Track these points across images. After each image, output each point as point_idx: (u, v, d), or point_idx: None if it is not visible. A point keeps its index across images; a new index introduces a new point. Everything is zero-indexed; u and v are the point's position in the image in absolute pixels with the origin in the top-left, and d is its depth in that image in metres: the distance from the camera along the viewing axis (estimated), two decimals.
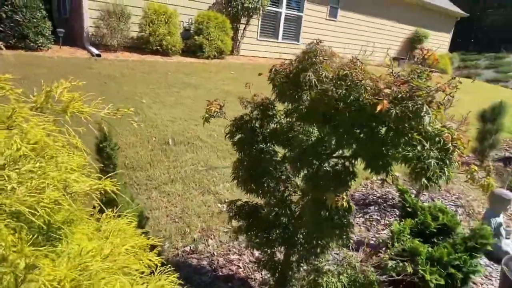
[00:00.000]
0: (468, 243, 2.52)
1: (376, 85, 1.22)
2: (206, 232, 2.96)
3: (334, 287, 1.60)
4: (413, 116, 1.17)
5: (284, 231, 2.00)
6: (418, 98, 1.17)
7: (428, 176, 1.25)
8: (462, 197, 4.32)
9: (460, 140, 1.27)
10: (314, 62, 1.51)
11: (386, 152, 1.36)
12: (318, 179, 1.54)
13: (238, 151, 1.99)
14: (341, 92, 1.33)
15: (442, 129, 1.28)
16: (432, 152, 1.24)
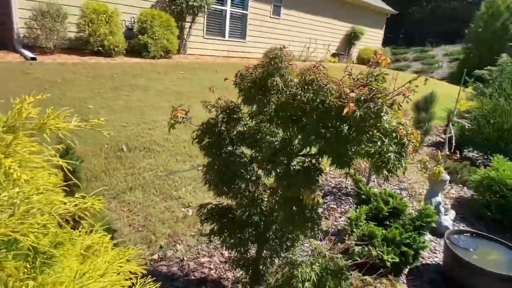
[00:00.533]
0: (416, 223, 2.81)
1: (340, 89, 1.34)
2: (173, 238, 2.93)
3: (308, 276, 1.71)
4: (374, 116, 1.30)
5: (256, 229, 2.08)
6: (378, 99, 1.31)
7: (388, 168, 1.41)
8: (405, 181, 4.76)
9: (413, 134, 1.44)
10: (280, 67, 1.59)
11: (350, 149, 1.49)
12: (289, 177, 1.63)
13: (207, 155, 2.01)
14: (308, 96, 1.42)
15: (397, 125, 1.44)
16: (390, 146, 1.39)
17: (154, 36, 8.95)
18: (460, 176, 4.92)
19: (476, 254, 2.74)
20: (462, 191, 4.68)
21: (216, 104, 2.08)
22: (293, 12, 13.99)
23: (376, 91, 1.32)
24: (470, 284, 2.47)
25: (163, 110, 5.35)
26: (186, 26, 10.62)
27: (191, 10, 10.17)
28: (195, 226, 3.12)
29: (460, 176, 4.91)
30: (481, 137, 5.55)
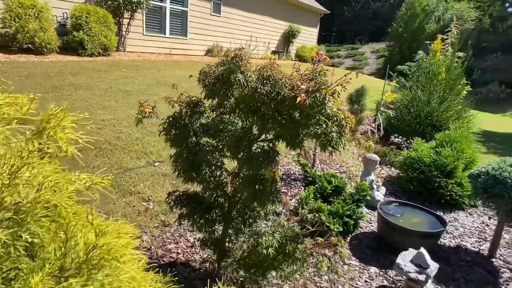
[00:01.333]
0: (354, 197, 3.29)
1: (293, 82, 1.65)
2: (137, 229, 3.03)
3: (271, 243, 2.01)
4: (320, 104, 1.63)
5: (222, 210, 2.33)
6: (322, 90, 1.64)
7: (332, 145, 1.76)
8: (344, 165, 5.35)
9: (349, 118, 1.81)
10: (240, 65, 1.85)
11: (302, 131, 1.81)
12: (252, 159, 1.91)
13: (174, 146, 2.20)
14: (267, 89, 1.71)
15: (337, 111, 1.80)
16: (333, 127, 1.74)
17: (90, 32, 8.57)
18: (388, 158, 5.66)
19: (402, 219, 3.30)
20: (390, 171, 5.41)
21: (178, 100, 2.28)
22: (233, 10, 14.26)
23: (320, 84, 1.65)
24: (398, 241, 3.00)
25: (111, 109, 5.27)
26: (125, 23, 10.31)
27: (129, 6, 9.90)
28: (157, 218, 3.25)
29: (388, 158, 5.65)
30: (403, 124, 6.40)
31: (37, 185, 0.90)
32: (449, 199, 4.20)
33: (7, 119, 0.88)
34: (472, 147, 4.69)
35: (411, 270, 2.49)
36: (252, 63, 1.97)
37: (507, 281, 2.94)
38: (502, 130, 10.78)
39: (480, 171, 3.10)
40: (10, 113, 0.89)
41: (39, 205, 0.85)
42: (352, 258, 3.07)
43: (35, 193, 0.87)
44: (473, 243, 3.52)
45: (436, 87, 6.37)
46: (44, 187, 0.89)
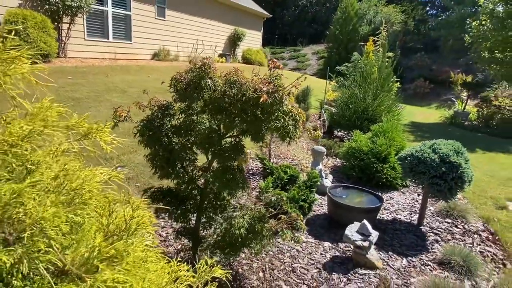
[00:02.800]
0: (307, 183, 3.74)
1: (256, 85, 2.00)
2: None
3: (242, 224, 2.34)
4: (278, 102, 2.00)
5: (195, 201, 2.60)
6: (280, 91, 2.01)
7: (289, 136, 2.14)
8: (295, 159, 5.85)
9: (301, 113, 2.21)
10: (209, 72, 2.16)
11: (264, 126, 2.17)
12: (223, 153, 2.22)
13: (148, 146, 2.42)
14: (234, 92, 2.04)
15: (292, 108, 2.19)
16: (290, 121, 2.13)
17: (28, 39, 8.14)
18: (333, 150, 6.29)
19: (347, 199, 3.83)
20: (336, 162, 6.03)
21: (149, 104, 2.51)
22: (178, 14, 14.28)
23: (278, 86, 2.02)
24: (345, 218, 3.50)
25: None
26: (65, 28, 9.89)
27: (68, 11, 9.53)
28: (154, 213, 3.40)
29: (333, 150, 6.28)
30: (344, 119, 7.12)
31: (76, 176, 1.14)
32: (385, 181, 4.88)
33: None
34: (401, 135, 5.46)
35: (357, 239, 2.98)
36: None
37: (432, 242, 3.60)
38: (428, 121, 12.25)
39: (406, 154, 3.73)
40: None
41: (84, 191, 1.09)
42: (309, 236, 3.51)
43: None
44: (405, 215, 4.19)
45: (370, 85, 7.19)
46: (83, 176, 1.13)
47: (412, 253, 3.36)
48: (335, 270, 2.96)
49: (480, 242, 3.70)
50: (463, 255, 3.14)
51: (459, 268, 3.06)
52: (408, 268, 3.11)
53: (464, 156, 3.51)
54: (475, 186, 5.42)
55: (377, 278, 2.88)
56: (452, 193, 3.49)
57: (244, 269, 2.83)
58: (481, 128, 11.04)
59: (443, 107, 15.75)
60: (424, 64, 20.63)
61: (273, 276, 2.80)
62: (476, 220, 4.21)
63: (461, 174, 3.36)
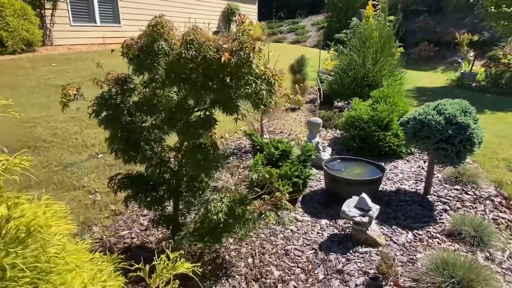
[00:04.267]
0: (301, 158, 3.43)
1: (216, 44, 1.66)
2: (87, 223, 2.93)
3: (220, 208, 2.05)
4: (245, 62, 1.67)
5: (169, 186, 2.32)
6: (246, 48, 1.67)
7: (263, 103, 1.81)
8: (292, 133, 5.53)
9: (277, 75, 1.87)
10: (163, 33, 1.81)
11: (234, 94, 1.84)
12: (189, 129, 1.91)
13: (107, 128, 2.12)
14: (192, 53, 1.70)
15: (265, 69, 1.85)
16: (262, 86, 1.79)
17: (8, 28, 7.79)
18: (332, 122, 5.94)
19: (346, 172, 3.53)
20: (335, 133, 5.69)
21: (106, 79, 2.19)
22: None
23: (243, 42, 1.68)
24: (344, 192, 3.20)
25: (43, 106, 4.90)
26: (48, 14, 9.46)
27: None
28: (107, 208, 3.16)
29: (333, 122, 5.93)
30: (343, 88, 6.71)
31: None
32: (388, 150, 4.54)
33: None
34: (403, 100, 5.07)
35: (355, 215, 2.69)
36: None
37: (440, 212, 3.30)
38: (433, 85, 11.71)
39: (408, 117, 3.38)
40: None
41: None
42: (305, 215, 3.24)
43: None
44: (410, 185, 3.88)
45: (369, 49, 6.72)
46: None
47: (418, 225, 3.08)
48: (332, 250, 2.70)
49: (493, 209, 3.39)
50: (475, 225, 2.85)
51: (470, 239, 2.77)
52: (414, 243, 2.83)
53: (473, 115, 3.15)
54: (486, 148, 5.06)
55: (379, 256, 2.61)
56: (461, 157, 3.16)
57: (231, 256, 2.59)
58: (489, 88, 10.50)
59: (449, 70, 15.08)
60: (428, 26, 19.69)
61: (263, 261, 2.54)
62: (487, 184, 3.89)
63: (470, 135, 3.01)
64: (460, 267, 2.17)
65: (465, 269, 2.15)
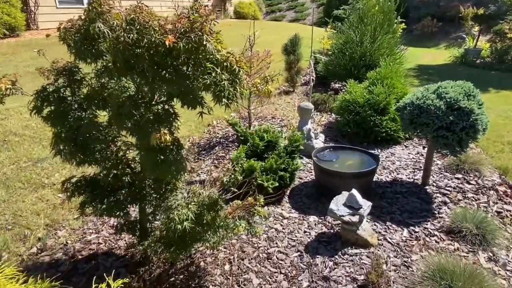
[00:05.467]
0: (288, 149, 3.15)
1: (160, 24, 1.34)
2: (53, 226, 2.69)
3: (185, 216, 1.79)
4: (197, 46, 1.36)
5: (130, 189, 2.05)
6: (197, 29, 1.35)
7: (225, 95, 1.51)
8: (285, 119, 5.22)
9: (242, 61, 1.56)
10: (102, 12, 1.49)
11: (191, 84, 1.54)
12: (142, 126, 1.62)
13: (53, 125, 1.84)
14: (133, 36, 1.39)
15: (227, 55, 1.53)
16: (223, 75, 1.49)
17: None
18: (327, 105, 5.60)
19: (338, 163, 3.25)
20: (330, 118, 5.36)
21: (52, 67, 1.89)
22: None
23: (194, 22, 1.36)
24: (335, 186, 2.93)
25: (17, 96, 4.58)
26: None
27: None
28: (68, 202, 2.91)
29: (328, 105, 5.59)
30: (340, 68, 6.33)
31: None
32: (384, 135, 4.24)
33: None
34: (402, 81, 4.72)
35: (344, 214, 2.43)
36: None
37: (439, 205, 3.04)
38: (436, 63, 11.24)
39: (406, 102, 3.06)
40: None
41: None
42: (292, 211, 2.99)
43: None
44: (408, 174, 3.60)
45: (368, 26, 6.29)
46: None
47: (415, 221, 2.82)
48: (320, 252, 2.46)
49: (497, 200, 3.12)
50: (477, 221, 2.59)
51: (472, 237, 2.52)
52: (410, 241, 2.58)
53: (477, 99, 2.83)
54: (490, 131, 4.68)
55: (370, 258, 2.37)
56: (463, 145, 2.86)
57: (207, 262, 2.35)
58: (494, 65, 10.03)
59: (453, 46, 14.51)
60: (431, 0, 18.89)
61: (242, 268, 2.30)
62: (491, 172, 3.61)
63: (474, 122, 2.70)
64: (460, 276, 1.92)
65: (465, 278, 1.90)
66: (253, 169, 2.91)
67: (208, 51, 1.37)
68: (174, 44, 1.29)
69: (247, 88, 1.60)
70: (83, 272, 2.23)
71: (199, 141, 4.42)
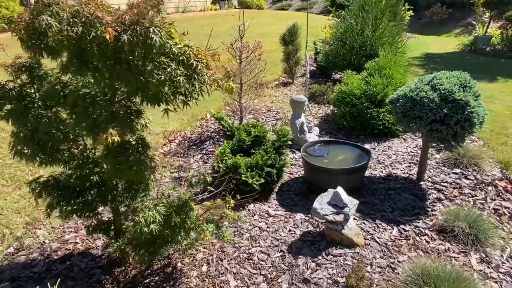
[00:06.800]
0: (276, 144, 3.03)
1: (97, 16, 1.23)
2: (33, 225, 2.65)
3: (152, 219, 1.71)
4: (144, 39, 1.25)
5: (100, 189, 1.98)
6: (144, 21, 1.24)
7: (182, 92, 1.41)
8: (280, 111, 5.08)
9: (202, 55, 1.44)
10: (49, 4, 1.39)
11: (146, 80, 1.43)
12: (97, 125, 1.53)
13: (14, 124, 1.76)
14: (77, 30, 1.28)
15: (184, 48, 1.42)
16: (179, 70, 1.38)
17: None
18: (326, 97, 5.44)
19: (328, 158, 3.12)
20: (328, 110, 5.21)
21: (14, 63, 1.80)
22: None
23: (141, 13, 1.25)
24: (324, 182, 2.81)
25: None
26: None
27: None
28: (36, 205, 2.86)
29: (326, 97, 5.43)
30: (339, 58, 6.13)
31: None
32: (382, 128, 4.08)
33: None
34: (401, 71, 4.52)
35: (327, 213, 2.32)
36: None
37: (433, 202, 2.90)
38: (444, 51, 10.88)
39: (399, 94, 2.91)
40: None
41: None
42: (278, 208, 2.89)
43: None
44: (403, 169, 3.46)
45: (369, 14, 6.05)
46: None
47: (406, 219, 2.70)
48: (303, 252, 2.36)
49: (495, 196, 2.97)
50: (470, 220, 2.45)
51: (464, 236, 2.39)
52: (399, 241, 2.47)
53: (473, 90, 2.66)
54: (494, 122, 4.55)
55: (355, 260, 2.27)
56: (458, 139, 2.71)
57: (184, 263, 2.28)
58: (504, 52, 9.64)
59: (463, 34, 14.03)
60: None
61: (220, 269, 2.22)
62: (492, 166, 3.44)
63: (469, 115, 2.54)
64: (444, 280, 1.81)
65: (450, 283, 1.78)
66: (237, 166, 2.81)
67: (156, 44, 1.26)
68: (119, 37, 1.19)
69: (210, 83, 1.49)
70: (57, 273, 2.19)
71: (191, 135, 4.34)
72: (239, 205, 2.81)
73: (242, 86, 4.02)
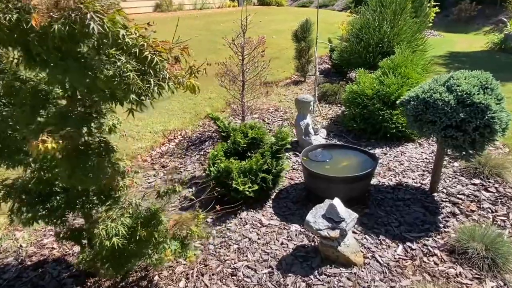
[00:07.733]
0: (274, 148, 2.80)
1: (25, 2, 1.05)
2: (14, 226, 2.55)
3: (115, 231, 1.53)
4: (79, 27, 1.06)
5: (67, 195, 1.82)
6: (83, 6, 1.05)
7: (133, 90, 1.21)
8: (288, 111, 4.83)
9: (160, 47, 1.24)
10: None
11: (95, 76, 1.25)
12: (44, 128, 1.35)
13: None
14: (11, 17, 1.11)
15: (140, 39, 1.22)
16: (129, 64, 1.18)
17: None
18: (338, 97, 5.15)
19: (330, 164, 2.86)
20: (339, 110, 4.91)
21: None
22: None
23: None
24: (324, 191, 2.57)
25: None
26: None
27: None
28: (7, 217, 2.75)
29: (338, 97, 5.13)
30: (355, 56, 5.80)
31: None
32: (395, 131, 3.76)
33: None
34: (419, 70, 4.17)
35: (321, 227, 2.08)
36: None
37: (447, 217, 2.59)
38: (471, 50, 10.25)
39: (410, 96, 2.61)
40: None
41: None
42: (273, 218, 2.67)
43: None
44: (415, 177, 3.14)
45: (388, 9, 5.68)
46: None
47: (414, 235, 2.41)
48: (293, 270, 2.13)
49: None
50: (487, 240, 2.14)
51: (479, 260, 2.08)
52: (403, 261, 2.19)
53: (496, 92, 2.33)
54: None
55: (351, 281, 2.01)
56: (477, 148, 2.39)
57: (162, 276, 2.09)
58: None
59: (492, 32, 13.21)
60: None
61: (199, 285, 2.02)
62: None
63: (489, 120, 2.22)
64: None
65: None
66: (229, 170, 2.60)
67: (95, 33, 1.07)
68: (38, 25, 1.00)
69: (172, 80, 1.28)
70: (27, 281, 2.06)
71: (191, 135, 4.17)
72: (231, 213, 2.60)
73: (244, 85, 3.80)
